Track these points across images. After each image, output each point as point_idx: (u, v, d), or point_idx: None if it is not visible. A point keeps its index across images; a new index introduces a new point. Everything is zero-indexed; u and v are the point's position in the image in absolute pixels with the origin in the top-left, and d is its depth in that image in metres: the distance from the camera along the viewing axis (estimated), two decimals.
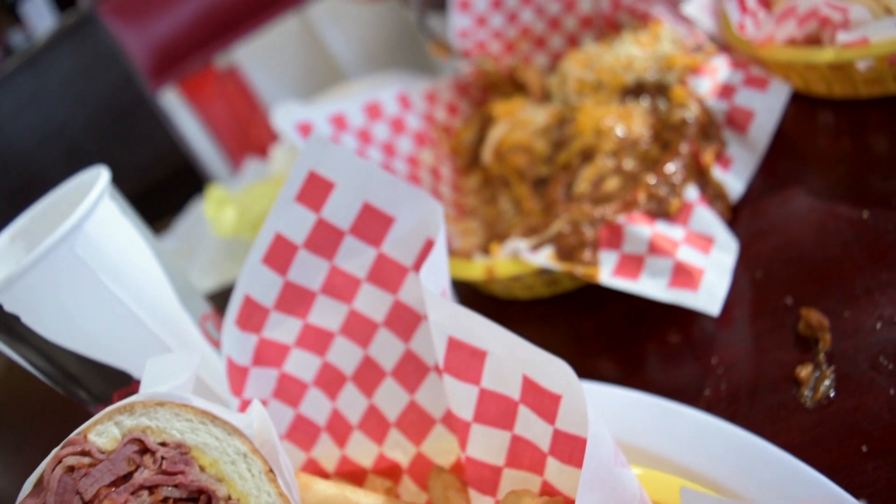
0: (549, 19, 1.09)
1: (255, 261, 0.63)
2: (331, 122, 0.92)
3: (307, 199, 0.62)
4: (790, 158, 0.82)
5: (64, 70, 2.58)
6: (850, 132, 0.82)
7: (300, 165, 0.62)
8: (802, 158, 0.82)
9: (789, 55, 0.81)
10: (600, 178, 0.81)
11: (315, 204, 0.62)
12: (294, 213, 0.63)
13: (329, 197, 0.62)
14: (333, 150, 0.62)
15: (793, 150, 0.83)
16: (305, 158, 0.62)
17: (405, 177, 0.94)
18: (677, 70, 0.85)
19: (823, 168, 0.79)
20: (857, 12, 0.79)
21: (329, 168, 0.62)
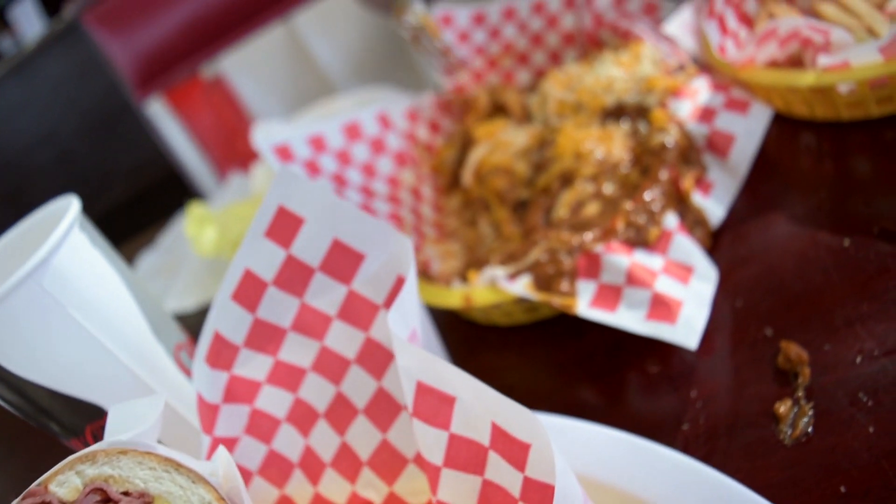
0: (532, 35, 1.08)
1: (224, 297, 0.62)
2: (309, 143, 0.90)
3: (276, 234, 0.61)
4: (772, 181, 0.81)
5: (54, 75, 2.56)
6: (832, 154, 0.80)
7: (270, 200, 0.61)
8: (784, 181, 0.80)
9: (770, 78, 0.80)
10: (579, 204, 0.80)
11: (284, 240, 0.61)
12: (263, 249, 0.61)
13: (299, 233, 0.61)
14: (303, 184, 0.61)
15: (775, 172, 0.82)
16: (275, 193, 0.61)
17: (385, 198, 0.92)
18: (658, 92, 0.84)
19: (805, 192, 0.78)
20: (838, 35, 0.78)
21: (299, 203, 0.61)
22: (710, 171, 0.79)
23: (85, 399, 0.71)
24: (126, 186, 2.58)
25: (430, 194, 0.98)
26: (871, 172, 0.76)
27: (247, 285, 0.62)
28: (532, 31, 1.08)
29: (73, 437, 0.73)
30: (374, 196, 0.92)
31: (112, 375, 0.71)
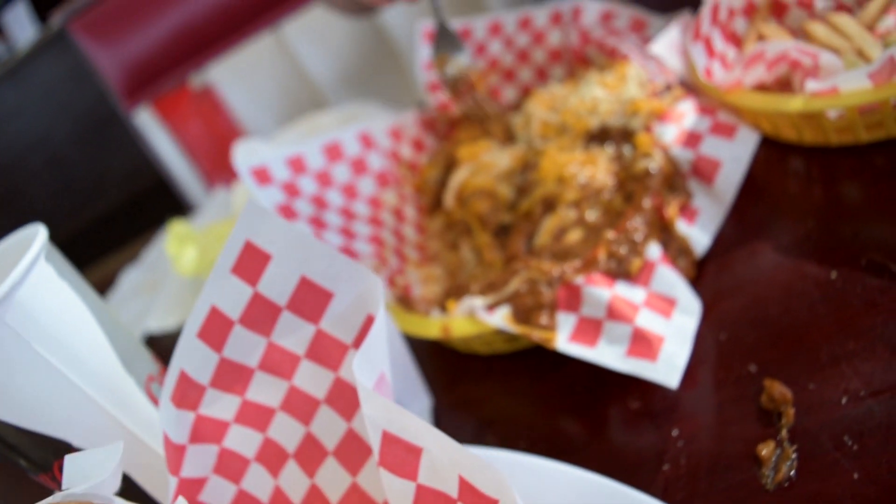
0: (518, 52, 1.05)
1: (190, 335, 0.60)
2: (288, 164, 0.88)
3: (243, 271, 0.59)
4: (759, 207, 0.79)
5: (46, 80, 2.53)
6: (820, 180, 0.78)
7: (236, 235, 0.59)
8: (771, 208, 0.78)
9: (757, 102, 0.77)
10: (562, 230, 0.78)
11: (251, 277, 0.59)
12: (230, 286, 0.59)
13: (265, 270, 0.58)
14: (270, 220, 0.58)
15: (762, 197, 0.79)
16: (242, 228, 0.59)
17: (366, 219, 0.90)
18: (642, 115, 0.81)
19: (792, 220, 0.75)
20: (826, 59, 0.75)
21: (266, 239, 0.58)
22: (695, 198, 0.76)
23: (52, 435, 0.69)
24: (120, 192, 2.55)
25: (412, 215, 0.96)
26: (860, 200, 0.74)
27: (213, 323, 0.60)
28: (518, 47, 1.05)
29: (42, 472, 0.71)
30: (354, 218, 0.90)
31: (80, 411, 0.69)
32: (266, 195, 0.84)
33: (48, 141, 2.55)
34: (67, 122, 2.53)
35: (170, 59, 1.66)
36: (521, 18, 1.05)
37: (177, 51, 1.66)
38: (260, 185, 0.84)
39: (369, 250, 0.87)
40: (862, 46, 0.81)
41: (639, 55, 0.91)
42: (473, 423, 0.75)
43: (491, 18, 1.07)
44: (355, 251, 0.86)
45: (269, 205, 0.84)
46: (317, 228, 0.85)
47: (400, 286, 0.84)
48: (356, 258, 0.85)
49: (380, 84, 1.65)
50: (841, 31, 0.85)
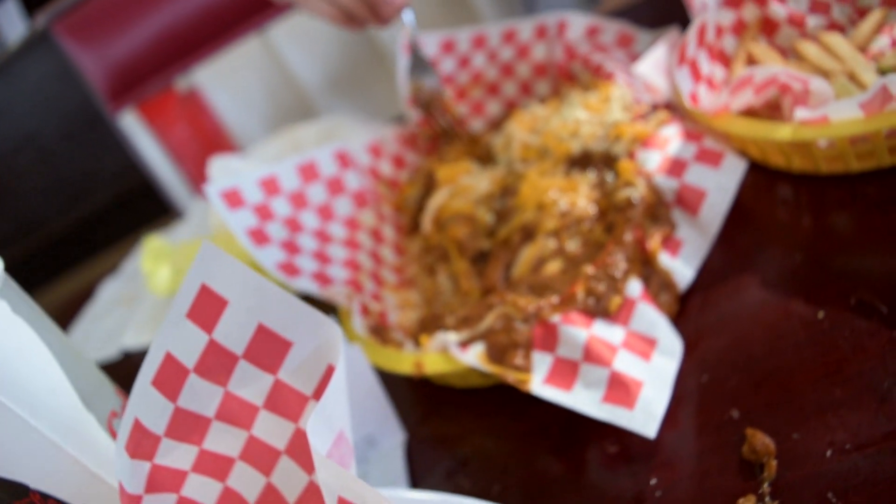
0: (502, 66, 1.01)
1: (144, 381, 0.56)
2: (261, 186, 0.84)
3: (198, 316, 0.55)
4: (745, 236, 0.75)
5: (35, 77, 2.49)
6: (809, 209, 0.74)
7: (192, 278, 0.55)
8: (758, 238, 0.74)
9: (745, 129, 0.74)
10: (541, 261, 0.74)
11: (207, 323, 0.55)
12: (185, 332, 0.55)
13: (221, 316, 0.55)
14: (227, 263, 0.55)
15: (749, 226, 0.76)
16: (197, 270, 0.55)
17: (342, 242, 0.87)
18: (625, 141, 0.77)
19: (780, 252, 0.72)
20: (817, 84, 0.71)
21: (222, 283, 0.55)
22: (679, 229, 0.73)
23: (8, 478, 0.65)
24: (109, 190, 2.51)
25: (391, 236, 0.92)
26: (850, 232, 0.71)
27: (167, 370, 0.56)
28: (502, 61, 1.01)
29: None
30: (330, 241, 0.86)
31: (37, 452, 0.65)
32: (237, 219, 0.81)
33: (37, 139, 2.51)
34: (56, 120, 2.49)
35: (155, 62, 1.62)
36: (506, 31, 1.01)
37: (162, 53, 1.62)
38: (231, 209, 0.81)
39: (344, 275, 0.84)
40: (854, 69, 0.77)
41: (624, 74, 0.87)
42: (447, 462, 0.72)
43: (475, 31, 1.03)
44: (329, 277, 0.83)
45: (240, 229, 0.81)
46: (290, 254, 0.82)
47: (375, 313, 0.81)
48: (330, 284, 0.82)
49: (368, 89, 1.61)
50: (833, 52, 0.81)
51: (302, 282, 0.80)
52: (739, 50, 0.87)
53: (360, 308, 0.78)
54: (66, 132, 2.48)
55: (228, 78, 1.63)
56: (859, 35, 0.82)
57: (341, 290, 0.80)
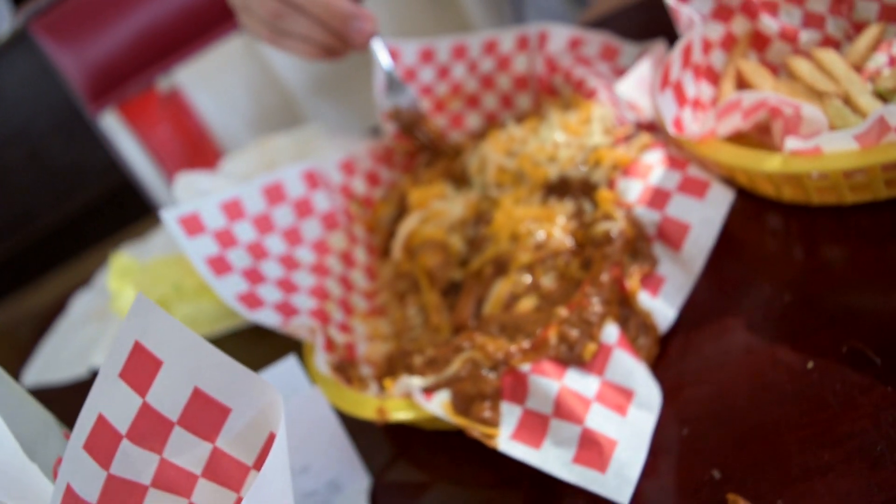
0: (482, 77, 0.95)
1: (76, 445, 0.51)
2: (223, 210, 0.78)
3: (132, 376, 0.50)
4: (732, 271, 0.69)
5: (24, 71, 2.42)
6: (800, 242, 0.69)
7: (125, 334, 0.50)
8: (745, 273, 0.69)
9: (731, 157, 0.68)
10: (514, 297, 0.68)
11: (140, 384, 0.50)
12: (118, 393, 0.50)
13: (156, 377, 0.49)
14: (161, 319, 0.49)
15: (736, 259, 0.70)
16: (131, 326, 0.50)
17: (310, 267, 0.81)
18: (605, 168, 0.71)
19: (768, 291, 0.66)
20: (809, 111, 0.65)
21: (156, 341, 0.49)
22: (660, 265, 0.67)
23: None
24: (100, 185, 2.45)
25: (363, 259, 0.86)
26: (843, 270, 0.65)
27: (100, 434, 0.51)
28: (482, 73, 0.95)
29: None
30: (296, 267, 0.80)
31: None
32: (196, 247, 0.75)
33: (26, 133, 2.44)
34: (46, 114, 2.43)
35: (135, 62, 1.55)
36: (487, 42, 0.95)
37: (143, 53, 1.55)
38: (189, 237, 0.75)
39: (310, 305, 0.78)
40: (849, 91, 0.71)
41: (607, 91, 0.81)
42: None
43: (455, 40, 0.97)
44: (294, 307, 0.77)
45: (199, 258, 0.75)
46: (252, 283, 0.76)
47: (341, 347, 0.75)
48: (295, 315, 0.76)
49: (352, 90, 1.54)
50: (827, 71, 0.75)
51: (264, 314, 0.75)
52: (728, 66, 0.80)
53: (324, 343, 0.73)
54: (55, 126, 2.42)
55: (210, 78, 1.56)
56: (855, 52, 0.76)
57: (305, 324, 0.75)
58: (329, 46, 0.88)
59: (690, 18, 0.71)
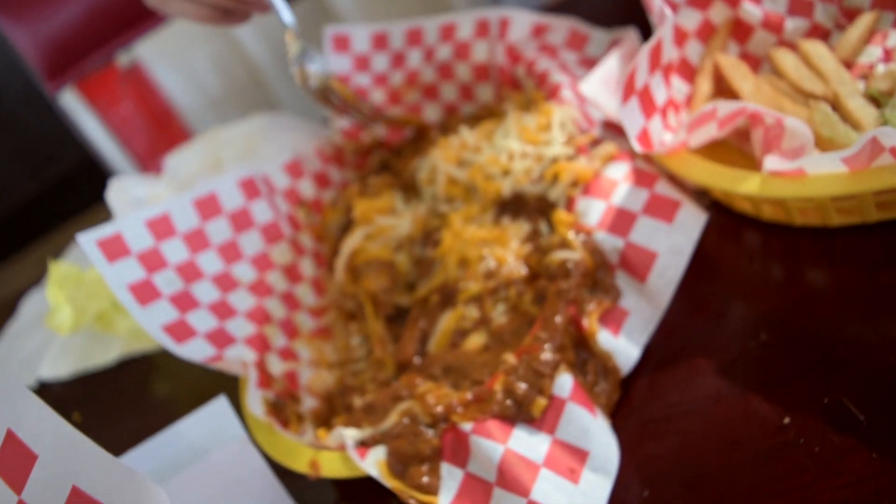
0: (440, 66, 0.85)
1: None
2: (149, 228, 0.69)
3: (6, 471, 0.42)
4: (704, 299, 0.60)
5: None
6: (781, 266, 0.60)
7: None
8: (718, 304, 0.60)
9: (703, 175, 0.58)
10: (461, 333, 0.60)
11: (15, 480, 0.42)
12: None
13: (31, 473, 0.42)
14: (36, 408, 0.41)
15: (708, 284, 0.61)
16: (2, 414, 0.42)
17: (248, 286, 0.72)
18: (564, 184, 0.62)
19: (742, 327, 0.57)
20: (793, 124, 0.56)
21: (30, 432, 0.41)
22: (623, 297, 0.58)
23: None
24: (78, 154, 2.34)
25: (310, 271, 0.77)
26: (827, 303, 0.56)
27: None
28: (440, 61, 0.84)
29: None
30: (234, 286, 0.71)
31: None
32: (117, 273, 0.66)
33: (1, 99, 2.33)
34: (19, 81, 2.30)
35: (93, 37, 1.44)
36: (444, 26, 0.84)
37: (101, 27, 1.43)
38: (109, 262, 0.66)
39: (248, 331, 0.69)
40: (838, 92, 0.61)
41: (571, 89, 0.71)
42: None
43: (410, 24, 0.86)
44: (230, 334, 0.69)
45: (120, 285, 0.66)
46: (182, 311, 0.67)
47: (281, 378, 0.67)
48: (230, 343, 0.68)
49: None
50: (814, 66, 0.65)
51: (194, 346, 0.66)
52: (705, 60, 0.70)
53: (258, 380, 0.65)
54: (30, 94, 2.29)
55: (173, 53, 1.45)
56: (846, 44, 0.66)
57: (238, 357, 0.66)
58: (224, 7, 0.74)
59: (662, 11, 0.60)
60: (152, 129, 1.51)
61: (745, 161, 0.65)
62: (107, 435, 0.83)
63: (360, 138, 0.85)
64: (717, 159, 0.63)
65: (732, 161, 0.65)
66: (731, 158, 0.65)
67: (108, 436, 0.81)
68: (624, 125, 0.57)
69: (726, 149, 0.65)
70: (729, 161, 0.65)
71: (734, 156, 0.66)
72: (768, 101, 0.63)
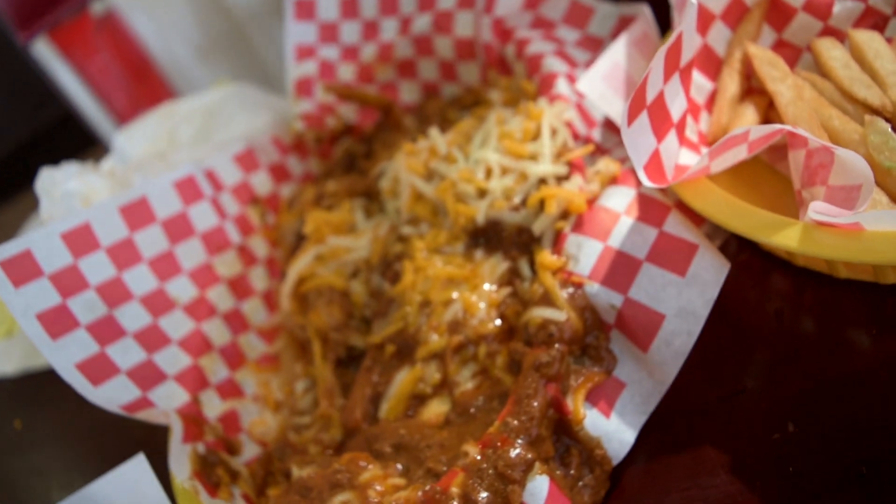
0: (417, 38, 0.68)
1: None
2: (66, 242, 0.55)
3: None
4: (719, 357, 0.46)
5: None
6: (815, 325, 0.46)
7: None
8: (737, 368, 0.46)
9: (726, 216, 0.43)
10: (418, 398, 0.46)
11: None
12: None
13: None
14: None
15: (726, 336, 0.47)
16: None
17: (185, 306, 0.59)
18: (551, 215, 0.47)
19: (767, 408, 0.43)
20: (845, 156, 0.40)
21: None
22: (619, 365, 0.44)
23: None
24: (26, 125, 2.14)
25: (262, 283, 0.64)
26: (874, 386, 0.42)
27: None
28: (417, 33, 0.68)
29: None
30: (169, 308, 0.58)
31: None
32: (25, 299, 0.52)
33: None
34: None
35: None
36: None
37: None
38: (16, 287, 0.52)
39: (182, 363, 0.56)
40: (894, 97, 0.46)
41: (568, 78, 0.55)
42: None
43: None
44: (160, 369, 0.56)
45: (27, 315, 0.52)
46: (102, 343, 0.54)
47: (217, 423, 0.54)
48: (160, 381, 0.55)
49: None
50: (868, 64, 0.49)
51: (113, 387, 0.53)
52: (734, 49, 0.54)
53: (185, 433, 0.52)
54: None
55: (149, 0, 1.27)
56: None
57: (167, 397, 0.53)
58: None
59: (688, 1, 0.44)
60: (131, 83, 1.35)
61: (776, 182, 0.50)
62: (48, 451, 0.71)
63: (325, 124, 0.70)
64: (743, 180, 0.49)
65: (761, 182, 0.50)
66: (760, 178, 0.50)
67: (48, 454, 0.70)
68: (629, 152, 0.42)
69: (754, 165, 0.50)
70: (756, 182, 0.50)
71: (763, 174, 0.51)
72: (810, 114, 0.47)
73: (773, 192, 0.49)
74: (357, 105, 0.71)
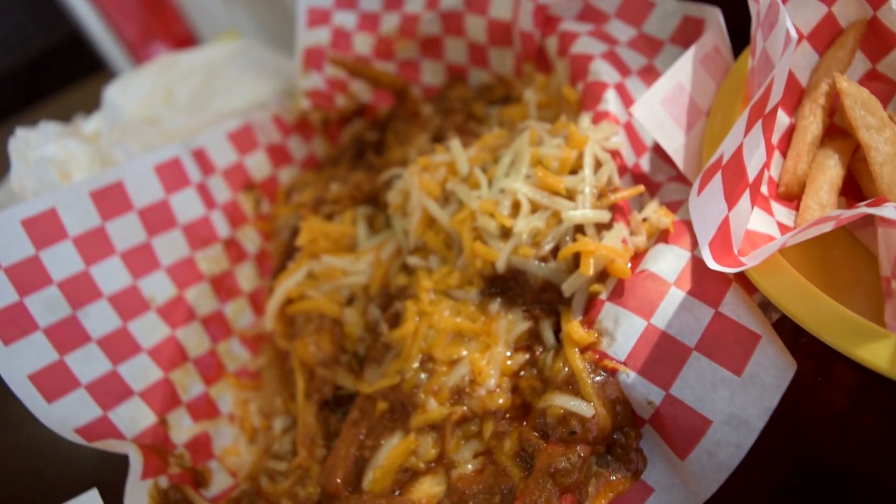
0: (445, 15, 0.57)
1: None
2: (27, 230, 0.46)
3: None
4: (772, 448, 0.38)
5: None
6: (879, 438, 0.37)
7: None
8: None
9: (799, 307, 0.33)
10: (408, 472, 0.38)
11: None
12: None
13: None
14: None
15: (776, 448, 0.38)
16: None
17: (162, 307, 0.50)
18: (586, 277, 0.37)
19: None
20: None
21: None
22: (650, 470, 0.35)
23: None
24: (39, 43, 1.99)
25: (250, 282, 0.55)
26: None
27: None
28: (446, 9, 0.57)
29: None
30: (142, 310, 0.49)
31: None
32: None
33: None
34: None
35: None
36: None
37: None
38: None
39: (152, 377, 0.48)
40: None
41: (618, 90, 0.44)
42: None
43: None
44: (125, 382, 0.47)
45: None
46: (62, 349, 0.46)
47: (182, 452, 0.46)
48: (125, 397, 0.47)
49: None
50: None
51: (70, 403, 0.45)
52: (819, 79, 0.43)
53: (144, 467, 0.44)
54: None
55: None
56: None
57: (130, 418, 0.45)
58: None
59: (786, 31, 0.33)
60: (144, 11, 1.22)
61: (853, 250, 0.40)
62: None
63: (334, 102, 0.59)
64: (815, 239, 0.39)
65: (834, 246, 0.40)
66: (834, 240, 0.40)
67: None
68: (694, 222, 0.32)
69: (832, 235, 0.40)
70: (829, 245, 0.40)
71: (839, 235, 0.41)
72: None
73: (847, 263, 0.40)
74: (368, 84, 0.60)
